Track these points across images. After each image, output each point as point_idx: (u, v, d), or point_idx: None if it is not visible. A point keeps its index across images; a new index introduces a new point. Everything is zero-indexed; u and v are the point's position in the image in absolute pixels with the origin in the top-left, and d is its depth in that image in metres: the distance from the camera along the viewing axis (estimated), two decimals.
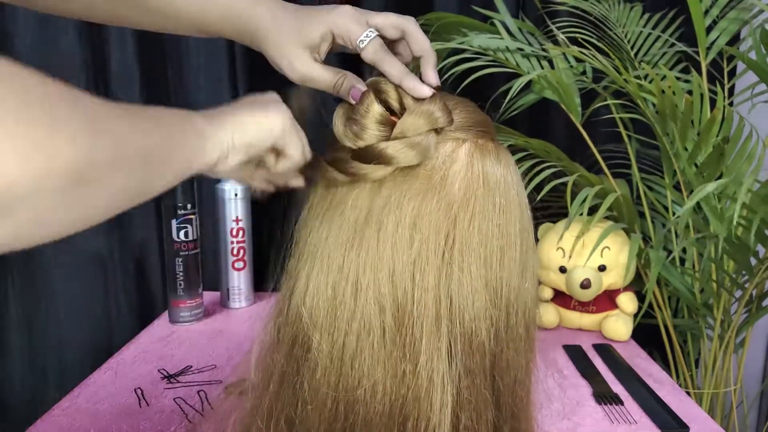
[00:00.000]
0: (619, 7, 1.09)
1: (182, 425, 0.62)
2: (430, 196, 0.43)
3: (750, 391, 1.32)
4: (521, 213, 0.47)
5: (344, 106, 0.46)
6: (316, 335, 0.43)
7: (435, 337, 0.42)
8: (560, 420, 0.66)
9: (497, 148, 0.48)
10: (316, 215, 0.46)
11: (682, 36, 1.08)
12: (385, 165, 0.43)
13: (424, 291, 0.42)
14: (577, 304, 0.92)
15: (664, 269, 0.99)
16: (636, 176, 1.05)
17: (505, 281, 0.45)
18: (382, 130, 0.44)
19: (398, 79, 0.44)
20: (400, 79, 0.44)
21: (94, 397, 0.68)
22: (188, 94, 1.10)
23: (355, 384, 0.42)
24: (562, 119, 1.09)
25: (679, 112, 0.86)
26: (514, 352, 0.46)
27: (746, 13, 0.99)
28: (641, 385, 0.75)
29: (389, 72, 0.44)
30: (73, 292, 1.07)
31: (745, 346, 1.05)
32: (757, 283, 0.91)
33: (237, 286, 0.98)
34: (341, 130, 0.45)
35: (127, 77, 1.05)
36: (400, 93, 0.44)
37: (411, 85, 0.43)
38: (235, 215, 0.95)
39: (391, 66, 0.44)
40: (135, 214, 1.09)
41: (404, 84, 0.44)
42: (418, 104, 0.43)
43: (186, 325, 0.91)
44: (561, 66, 1.02)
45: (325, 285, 0.44)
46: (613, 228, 0.88)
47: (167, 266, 0.90)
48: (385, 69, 0.44)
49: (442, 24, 1.01)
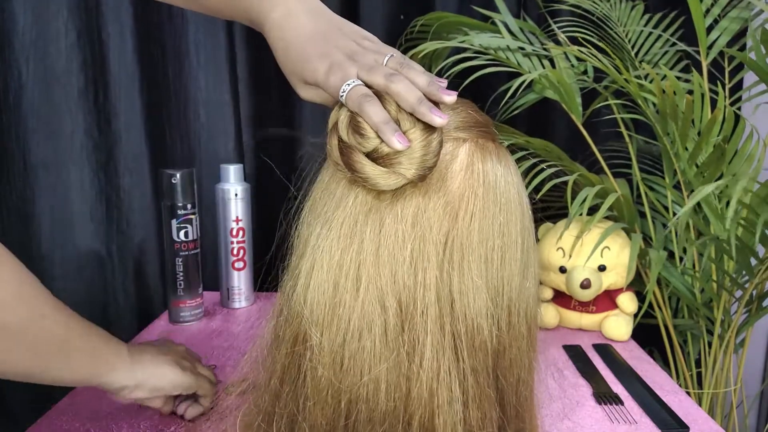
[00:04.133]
0: (621, 6, 1.09)
1: (182, 425, 0.62)
2: (431, 195, 0.43)
3: (750, 391, 1.32)
4: (522, 212, 0.47)
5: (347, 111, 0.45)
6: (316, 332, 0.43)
7: (439, 335, 0.42)
8: (560, 420, 0.66)
9: (498, 147, 0.48)
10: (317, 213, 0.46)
11: (683, 36, 1.08)
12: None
13: (426, 289, 0.42)
14: (577, 304, 0.92)
15: (664, 269, 0.99)
16: (636, 176, 1.05)
17: (506, 280, 0.45)
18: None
19: (375, 128, 0.42)
20: (377, 129, 0.42)
21: (94, 397, 0.68)
22: (188, 94, 1.10)
23: (357, 381, 0.42)
24: (562, 119, 1.09)
25: (679, 111, 0.86)
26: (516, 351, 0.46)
27: (747, 13, 0.99)
28: (641, 385, 0.75)
29: (367, 122, 0.42)
30: (73, 292, 1.07)
31: (745, 346, 1.05)
32: (757, 283, 0.91)
33: (237, 286, 0.98)
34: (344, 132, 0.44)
35: (126, 77, 1.05)
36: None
37: (385, 137, 0.41)
38: (235, 215, 0.95)
39: (368, 116, 0.42)
40: (135, 214, 1.09)
41: (380, 135, 0.42)
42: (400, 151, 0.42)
43: (186, 325, 0.91)
44: (562, 65, 1.02)
45: (326, 282, 0.44)
46: (613, 228, 0.88)
47: (167, 266, 0.90)
48: (365, 119, 0.42)
49: (443, 24, 1.01)
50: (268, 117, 1.17)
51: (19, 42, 1.00)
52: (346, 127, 0.44)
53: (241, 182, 0.95)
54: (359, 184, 0.43)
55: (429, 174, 0.43)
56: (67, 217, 1.06)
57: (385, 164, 0.42)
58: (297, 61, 0.48)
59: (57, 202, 1.05)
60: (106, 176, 1.07)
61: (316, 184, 0.48)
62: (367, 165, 0.42)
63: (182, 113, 1.11)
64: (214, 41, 1.08)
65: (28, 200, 1.04)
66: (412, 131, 0.42)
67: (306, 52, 0.47)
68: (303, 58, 0.47)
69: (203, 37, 1.08)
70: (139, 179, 1.08)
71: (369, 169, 0.42)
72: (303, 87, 0.49)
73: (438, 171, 0.44)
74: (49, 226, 1.05)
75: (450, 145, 0.45)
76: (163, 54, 1.08)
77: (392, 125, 0.42)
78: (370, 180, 0.42)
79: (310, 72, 0.47)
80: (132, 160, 1.08)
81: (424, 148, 0.42)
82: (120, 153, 1.07)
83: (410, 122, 0.43)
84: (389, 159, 0.42)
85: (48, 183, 1.05)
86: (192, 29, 1.08)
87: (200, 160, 1.12)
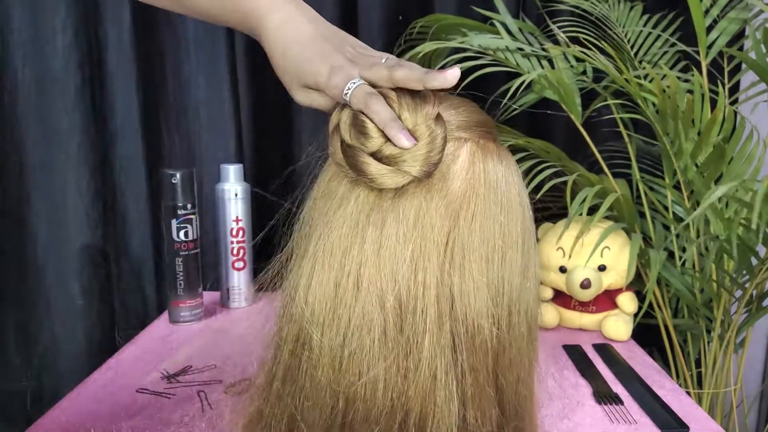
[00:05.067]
0: (620, 6, 1.09)
1: (182, 425, 0.62)
2: (432, 195, 0.43)
3: (750, 391, 1.32)
4: (523, 212, 0.47)
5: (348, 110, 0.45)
6: (317, 332, 0.43)
7: (438, 335, 0.42)
8: (560, 420, 0.66)
9: (498, 148, 0.48)
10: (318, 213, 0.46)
11: (682, 36, 1.08)
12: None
13: (426, 289, 0.42)
14: (577, 304, 0.92)
15: (664, 269, 0.99)
16: (636, 176, 1.05)
17: (506, 280, 0.45)
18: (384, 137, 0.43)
19: (381, 126, 0.42)
20: (383, 127, 0.42)
21: (94, 397, 0.68)
22: (188, 94, 1.10)
23: (355, 380, 0.42)
24: (562, 119, 1.09)
25: (679, 111, 0.86)
26: (516, 351, 0.46)
27: (746, 13, 0.99)
28: (641, 385, 0.75)
29: (373, 120, 0.43)
30: (72, 292, 1.07)
31: (745, 346, 1.05)
32: (757, 283, 0.91)
33: (237, 286, 0.98)
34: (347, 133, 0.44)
35: (124, 77, 1.05)
36: (404, 102, 0.43)
37: (391, 134, 0.42)
38: (235, 215, 0.95)
39: (374, 113, 0.42)
40: (135, 214, 1.09)
41: (386, 132, 0.42)
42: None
43: (186, 325, 0.91)
44: (561, 66, 1.02)
45: (327, 282, 0.44)
46: (613, 228, 0.88)
47: (167, 266, 0.89)
48: (371, 117, 0.43)
49: (442, 25, 1.01)
50: (268, 117, 1.17)
51: (15, 40, 1.00)
52: (348, 128, 0.44)
53: (241, 182, 0.96)
54: (364, 184, 0.44)
55: (434, 171, 0.43)
56: (63, 217, 1.06)
57: (390, 163, 0.42)
58: (296, 64, 0.48)
59: (53, 201, 1.05)
60: (103, 176, 1.07)
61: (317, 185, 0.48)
62: (372, 164, 0.42)
63: (182, 113, 1.11)
64: (214, 40, 1.08)
65: (24, 200, 1.04)
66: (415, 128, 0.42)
67: (306, 54, 0.47)
68: (303, 60, 0.47)
69: (203, 35, 1.08)
70: (135, 179, 1.08)
71: (374, 168, 0.42)
72: (300, 91, 0.49)
73: (439, 171, 0.44)
74: (45, 226, 1.05)
75: (451, 146, 0.45)
76: (162, 53, 1.08)
77: (399, 122, 0.42)
78: (376, 180, 0.42)
79: (310, 74, 0.47)
80: (128, 160, 1.07)
81: (429, 144, 0.42)
82: (116, 153, 1.07)
83: (413, 121, 0.43)
84: (393, 158, 0.42)
85: (44, 183, 1.04)
86: (191, 28, 1.08)
87: (200, 160, 1.12)
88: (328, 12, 1.11)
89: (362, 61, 0.46)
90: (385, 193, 0.43)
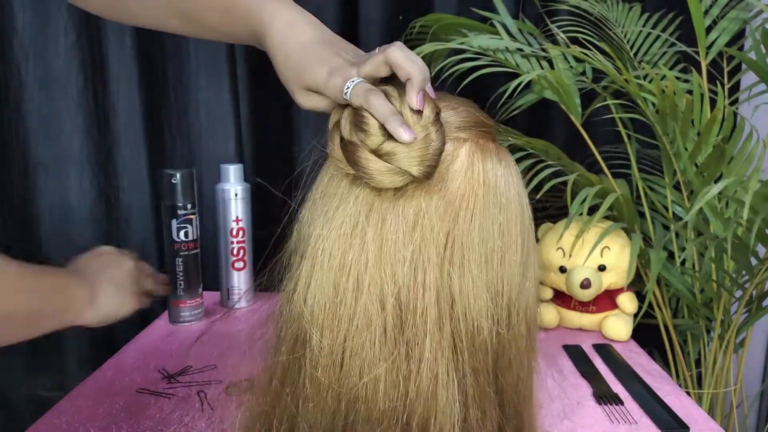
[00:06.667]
0: (619, 7, 1.09)
1: (182, 425, 0.62)
2: (432, 195, 0.43)
3: (750, 391, 1.32)
4: (522, 213, 0.47)
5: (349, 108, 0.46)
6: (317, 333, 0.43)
7: (438, 335, 0.42)
8: (560, 420, 0.66)
9: (498, 148, 0.48)
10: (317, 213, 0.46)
11: (681, 36, 1.08)
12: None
13: (426, 289, 0.42)
14: (577, 304, 0.92)
15: (664, 269, 0.99)
16: (636, 176, 1.05)
17: (506, 280, 0.45)
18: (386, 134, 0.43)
19: (382, 120, 0.42)
20: (384, 121, 0.42)
21: (94, 396, 0.68)
22: (188, 94, 1.10)
23: (356, 381, 0.42)
24: (561, 119, 1.09)
25: (679, 111, 0.86)
26: (516, 351, 0.46)
27: (746, 13, 0.99)
28: (641, 385, 0.75)
29: (374, 114, 0.43)
30: None
31: (745, 346, 1.05)
32: (757, 283, 0.91)
33: (237, 286, 0.98)
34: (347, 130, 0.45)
35: (126, 77, 1.05)
36: (404, 99, 0.44)
37: (392, 128, 0.42)
38: (235, 215, 0.95)
39: (375, 108, 0.43)
40: (134, 214, 1.09)
41: (387, 126, 0.42)
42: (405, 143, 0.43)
43: (186, 325, 0.91)
44: (561, 66, 1.02)
45: (327, 283, 0.44)
46: (613, 228, 0.88)
47: (167, 266, 0.90)
48: (371, 112, 0.43)
49: (442, 25, 1.01)
50: (268, 117, 1.17)
51: (18, 41, 1.00)
52: (348, 125, 0.44)
53: (241, 182, 0.96)
54: (363, 182, 0.44)
55: (434, 171, 0.43)
56: (67, 217, 1.06)
57: (390, 161, 0.42)
58: (298, 67, 0.48)
59: (56, 202, 1.05)
60: (106, 176, 1.07)
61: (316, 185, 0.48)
62: (372, 161, 0.42)
63: (182, 113, 1.11)
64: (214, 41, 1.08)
65: (27, 200, 1.04)
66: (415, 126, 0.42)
67: (307, 57, 0.48)
68: (304, 62, 0.48)
69: None
70: (138, 179, 1.08)
71: (374, 165, 0.42)
72: (303, 94, 0.49)
73: (439, 171, 0.44)
74: (49, 226, 1.05)
75: (450, 146, 0.45)
76: (163, 54, 1.08)
77: (400, 117, 0.42)
78: (375, 177, 0.42)
79: (311, 76, 0.47)
80: (131, 160, 1.08)
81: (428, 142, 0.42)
82: (119, 153, 1.07)
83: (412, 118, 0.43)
84: (393, 156, 0.42)
85: (47, 183, 1.05)
86: None
87: (200, 160, 1.12)
88: (329, 12, 1.11)
89: (360, 62, 0.46)
90: (384, 193, 0.43)
